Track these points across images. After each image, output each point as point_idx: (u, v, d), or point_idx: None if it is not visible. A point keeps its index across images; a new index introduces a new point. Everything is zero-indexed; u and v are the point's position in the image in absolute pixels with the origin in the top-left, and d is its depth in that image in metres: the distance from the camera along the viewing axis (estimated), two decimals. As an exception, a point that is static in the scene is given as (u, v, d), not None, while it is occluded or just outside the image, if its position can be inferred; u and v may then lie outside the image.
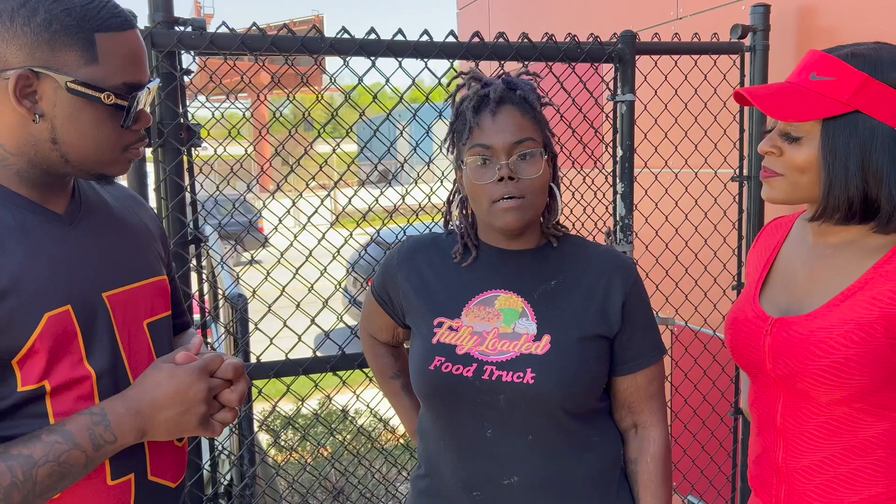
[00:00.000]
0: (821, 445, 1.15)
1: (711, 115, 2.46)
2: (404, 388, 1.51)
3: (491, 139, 1.16)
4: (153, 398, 0.97)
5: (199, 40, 1.73)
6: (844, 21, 2.15)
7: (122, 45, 0.96)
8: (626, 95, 2.13)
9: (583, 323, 1.21)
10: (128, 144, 1.01)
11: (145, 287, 1.09)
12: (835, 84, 1.06)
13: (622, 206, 2.18)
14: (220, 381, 1.02)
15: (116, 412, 0.95)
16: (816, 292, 1.16)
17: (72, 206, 1.04)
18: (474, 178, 1.17)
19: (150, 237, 1.15)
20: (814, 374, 1.10)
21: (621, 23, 3.02)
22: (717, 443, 2.62)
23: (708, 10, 2.66)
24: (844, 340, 1.07)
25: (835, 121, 1.07)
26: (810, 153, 1.10)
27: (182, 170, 1.78)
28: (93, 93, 0.94)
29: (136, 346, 1.05)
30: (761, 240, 1.36)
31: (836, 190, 1.08)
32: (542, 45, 2.02)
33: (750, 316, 1.24)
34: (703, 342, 2.62)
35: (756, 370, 1.23)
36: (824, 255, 1.18)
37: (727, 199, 2.50)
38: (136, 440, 0.97)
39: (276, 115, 1.99)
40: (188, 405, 0.98)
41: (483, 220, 1.22)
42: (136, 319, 1.06)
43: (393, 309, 1.38)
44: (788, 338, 1.15)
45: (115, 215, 1.11)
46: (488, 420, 1.19)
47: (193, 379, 0.98)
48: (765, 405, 1.23)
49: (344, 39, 1.84)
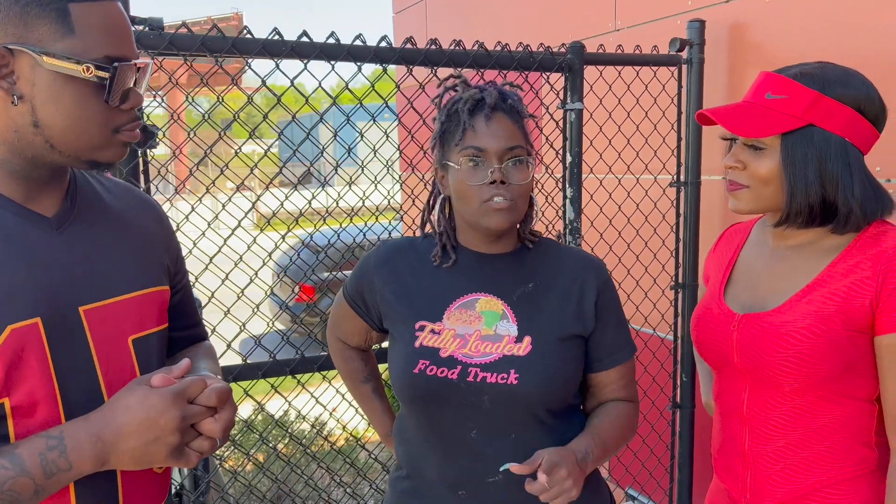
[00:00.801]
0: (784, 432, 1.25)
1: (652, 124, 2.58)
2: (375, 392, 1.52)
3: (485, 142, 1.20)
4: (119, 424, 0.87)
5: (158, 40, 1.70)
6: (772, 38, 2.31)
7: (100, 14, 0.89)
8: (576, 104, 2.21)
9: (561, 323, 1.26)
10: (119, 125, 0.94)
11: (136, 299, 1.01)
12: (788, 101, 1.18)
13: (571, 209, 2.26)
14: (201, 409, 0.92)
15: (76, 437, 0.86)
16: (778, 290, 1.26)
17: (63, 210, 0.97)
18: (466, 179, 1.20)
19: (153, 244, 1.08)
20: (780, 364, 1.20)
21: (559, 33, 3.12)
22: (656, 436, 2.75)
23: (644, 23, 2.79)
24: (807, 332, 1.18)
25: (792, 134, 1.17)
26: (772, 165, 1.20)
27: (138, 172, 1.74)
28: (72, 66, 0.87)
29: (117, 365, 0.97)
30: (721, 244, 1.46)
31: (797, 197, 1.18)
32: (498, 54, 2.08)
33: (716, 313, 1.33)
34: (644, 340, 2.74)
35: (722, 364, 1.32)
36: (784, 256, 1.28)
37: (666, 203, 2.63)
38: (95, 469, 0.88)
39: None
40: (157, 434, 0.88)
41: (470, 220, 1.24)
42: (119, 335, 0.98)
43: (368, 313, 1.38)
44: (755, 332, 1.24)
45: (115, 219, 1.03)
46: (472, 421, 1.22)
47: (167, 405, 0.88)
48: (730, 396, 1.32)
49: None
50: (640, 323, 2.77)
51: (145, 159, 1.76)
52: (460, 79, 1.29)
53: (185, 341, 1.20)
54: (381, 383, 1.54)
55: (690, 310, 2.51)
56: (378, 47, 1.92)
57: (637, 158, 2.64)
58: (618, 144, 2.61)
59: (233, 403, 0.96)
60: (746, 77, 2.42)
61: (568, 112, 2.23)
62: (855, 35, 2.05)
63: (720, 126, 1.22)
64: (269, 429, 3.53)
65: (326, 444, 2.17)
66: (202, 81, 1.88)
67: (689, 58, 2.46)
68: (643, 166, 2.66)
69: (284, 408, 2.05)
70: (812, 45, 2.17)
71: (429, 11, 4.44)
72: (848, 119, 1.16)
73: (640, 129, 2.59)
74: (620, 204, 2.64)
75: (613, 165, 2.61)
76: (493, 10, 3.79)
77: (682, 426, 2.61)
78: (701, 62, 2.46)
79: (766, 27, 2.32)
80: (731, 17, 2.44)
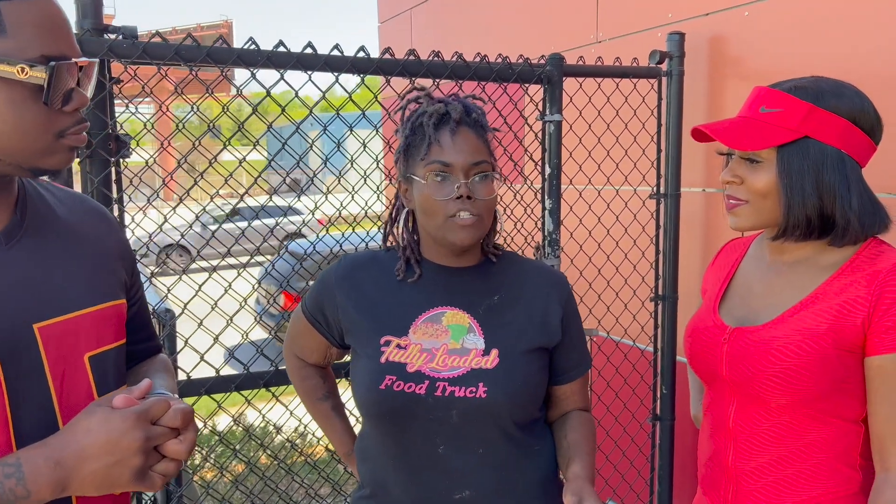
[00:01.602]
0: (769, 448, 1.23)
1: (631, 136, 2.58)
2: (334, 410, 1.49)
3: (451, 157, 1.19)
4: (80, 447, 0.84)
5: (131, 49, 1.68)
6: (751, 51, 2.32)
7: (33, 12, 0.84)
8: (555, 115, 2.21)
9: (527, 336, 1.26)
10: (62, 129, 0.89)
11: (93, 314, 0.97)
12: (783, 114, 1.18)
13: (550, 221, 2.25)
14: (165, 430, 0.89)
15: (33, 463, 0.82)
16: (772, 305, 1.25)
17: (11, 224, 0.93)
18: (432, 194, 1.19)
19: (108, 256, 1.04)
20: (767, 379, 1.19)
21: (541, 45, 3.13)
22: (636, 449, 2.74)
23: (625, 35, 2.79)
24: (796, 349, 1.17)
25: (788, 147, 1.17)
26: (769, 177, 1.19)
27: (110, 181, 1.72)
28: (5, 67, 0.82)
29: (73, 383, 0.94)
30: (719, 258, 1.47)
31: (795, 209, 1.18)
32: (476, 65, 2.07)
33: (709, 325, 1.33)
34: (624, 352, 2.73)
35: (712, 376, 1.31)
36: (780, 271, 1.28)
37: (646, 215, 2.63)
38: (56, 495, 0.84)
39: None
40: (120, 456, 0.85)
41: (434, 234, 1.23)
42: (74, 353, 0.94)
43: (328, 329, 1.36)
44: (744, 346, 1.24)
45: (67, 232, 0.99)
46: (440, 436, 1.21)
47: (129, 426, 0.85)
48: (718, 410, 1.32)
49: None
50: (620, 334, 2.77)
51: (118, 168, 1.75)
52: (423, 91, 1.28)
53: (142, 354, 1.17)
54: (339, 401, 1.51)
55: (670, 322, 2.51)
56: (355, 58, 1.91)
57: (617, 170, 2.64)
58: (598, 156, 2.61)
59: (195, 425, 0.94)
60: (726, 89, 2.42)
61: (547, 123, 2.23)
62: (835, 49, 2.06)
63: (716, 142, 1.21)
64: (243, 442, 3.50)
65: (303, 456, 2.14)
66: (176, 90, 1.87)
67: (669, 70, 2.47)
68: (623, 178, 2.66)
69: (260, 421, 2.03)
70: (792, 58, 2.18)
71: (414, 22, 4.44)
72: (843, 130, 1.16)
73: (620, 140, 2.59)
74: (600, 215, 2.64)
75: (593, 177, 2.61)
76: (477, 21, 3.79)
77: (662, 439, 2.60)
78: (681, 74, 2.47)
79: (746, 40, 2.33)
80: (711, 30, 2.45)
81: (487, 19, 3.70)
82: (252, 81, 1.83)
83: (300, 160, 2.03)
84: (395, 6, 4.63)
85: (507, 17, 3.53)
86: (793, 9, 2.17)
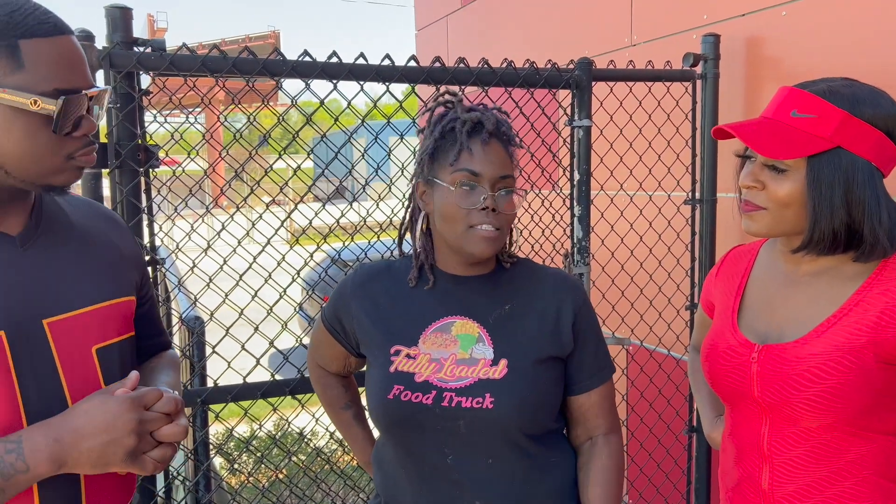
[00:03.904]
0: (808, 470, 1.16)
1: (665, 140, 2.53)
2: (356, 419, 1.49)
3: (481, 167, 1.18)
4: (77, 426, 0.92)
5: (159, 61, 1.72)
6: (788, 52, 2.25)
7: (49, 50, 0.94)
8: (583, 121, 2.18)
9: (538, 345, 1.23)
10: (71, 152, 0.98)
11: (100, 310, 1.06)
12: (817, 121, 1.10)
13: (579, 228, 2.22)
14: (157, 415, 0.98)
15: (33, 440, 0.91)
16: (798, 319, 1.18)
17: (27, 229, 1.02)
18: (457, 201, 1.18)
19: (117, 257, 1.12)
20: (807, 401, 1.12)
21: (576, 49, 3.09)
22: (671, 460, 2.67)
23: (660, 37, 2.74)
24: (837, 366, 1.10)
25: (819, 157, 1.10)
26: (794, 187, 1.12)
27: (139, 191, 1.76)
28: (20, 99, 0.91)
29: (81, 373, 1.02)
30: (724, 268, 1.38)
31: (822, 223, 1.11)
32: (502, 71, 2.06)
33: (732, 344, 1.24)
34: (658, 361, 2.67)
35: (739, 397, 1.23)
36: (801, 282, 1.20)
37: (680, 221, 2.57)
38: (53, 471, 0.92)
39: (236, 135, 1.98)
40: (115, 435, 0.93)
41: (452, 242, 1.22)
42: (83, 346, 1.03)
43: (346, 338, 1.36)
44: (777, 365, 1.16)
45: (78, 235, 1.08)
46: (449, 446, 1.20)
47: (124, 409, 0.94)
48: (747, 432, 1.24)
49: (306, 62, 1.84)
50: (655, 343, 2.71)
51: (147, 178, 1.78)
52: (456, 96, 1.27)
53: (152, 349, 1.25)
54: (362, 409, 1.51)
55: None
56: (380, 66, 1.92)
57: (650, 175, 2.59)
58: (630, 161, 2.57)
59: (184, 414, 1.02)
60: (763, 92, 2.35)
61: (576, 129, 2.20)
62: (875, 49, 1.98)
63: (736, 140, 1.15)
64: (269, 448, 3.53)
65: (330, 464, 2.15)
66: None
67: (704, 73, 2.41)
68: (656, 183, 2.61)
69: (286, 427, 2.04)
70: (831, 59, 2.10)
71: (450, 28, 4.45)
72: (875, 141, 1.09)
73: (653, 145, 2.54)
74: (633, 222, 2.59)
75: (625, 182, 2.57)
76: (512, 26, 3.77)
77: (698, 450, 2.54)
78: (716, 77, 2.41)
79: (784, 41, 2.26)
80: (748, 31, 2.38)
81: (522, 25, 3.68)
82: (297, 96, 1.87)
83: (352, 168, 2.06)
84: (431, 14, 4.65)
85: (541, 23, 3.51)
86: (831, 8, 2.10)
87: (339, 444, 2.48)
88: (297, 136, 1.96)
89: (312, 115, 1.97)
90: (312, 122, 2.00)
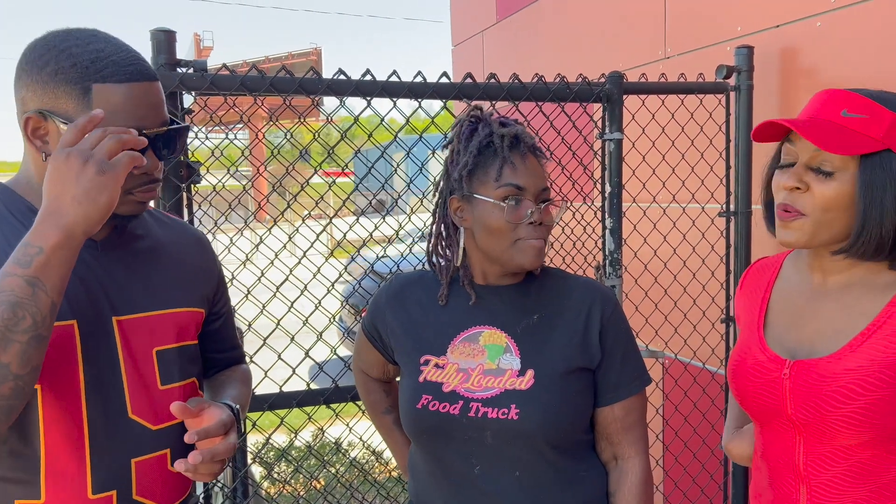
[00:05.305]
0: (848, 490, 1.13)
1: (698, 152, 2.52)
2: (396, 424, 1.51)
3: (525, 181, 1.21)
4: (52, 196, 0.94)
5: (200, 81, 1.79)
6: (823, 63, 2.23)
7: (118, 95, 1.02)
8: (614, 134, 2.19)
9: (566, 356, 1.23)
10: (130, 188, 1.05)
11: (165, 316, 1.15)
12: (868, 122, 1.07)
13: (611, 240, 2.22)
14: (100, 131, 0.96)
15: (34, 229, 0.93)
16: (829, 333, 1.15)
17: (109, 236, 1.12)
18: (505, 216, 1.19)
19: (193, 273, 1.22)
20: (845, 418, 1.09)
21: (611, 62, 3.11)
22: (707, 475, 2.64)
23: (694, 49, 2.74)
24: (875, 381, 1.07)
25: (871, 158, 1.07)
26: (841, 189, 1.09)
27: (181, 206, 1.83)
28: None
29: (140, 369, 1.11)
30: (747, 282, 1.35)
31: (870, 225, 1.08)
32: (532, 86, 2.08)
33: (762, 360, 1.21)
34: (693, 374, 2.65)
35: (771, 415, 1.19)
36: (830, 294, 1.17)
37: (714, 233, 2.56)
38: (65, 236, 0.92)
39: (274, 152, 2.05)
40: (73, 171, 0.92)
41: (498, 255, 1.23)
42: (145, 345, 1.12)
43: (383, 346, 1.39)
44: (812, 381, 1.13)
45: (159, 248, 1.19)
46: (476, 457, 1.21)
47: (64, 154, 0.94)
48: (781, 451, 1.20)
49: (341, 81, 1.89)
50: (689, 356, 2.69)
51: (188, 193, 1.85)
52: (483, 112, 1.29)
53: (224, 363, 1.35)
54: None
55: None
56: (412, 83, 1.96)
57: (683, 188, 2.58)
58: (663, 173, 2.56)
59: (235, 433, 1.09)
60: (797, 103, 2.34)
61: (607, 142, 2.21)
62: (909, 58, 1.96)
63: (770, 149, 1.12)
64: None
65: (364, 473, 2.18)
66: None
67: (737, 84, 2.40)
68: (689, 196, 2.60)
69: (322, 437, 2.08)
70: (866, 70, 2.08)
71: (486, 43, 4.49)
72: None
73: (686, 157, 2.54)
74: (666, 234, 2.59)
75: (658, 195, 2.56)
76: (546, 41, 3.80)
77: (735, 465, 2.50)
78: (749, 88, 2.40)
79: (818, 52, 2.24)
80: (782, 43, 2.37)
81: (556, 39, 3.71)
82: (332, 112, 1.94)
83: (385, 182, 2.11)
84: (467, 30, 4.70)
85: (575, 37, 3.53)
86: (867, 18, 2.08)
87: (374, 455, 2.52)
88: (333, 152, 2.02)
89: (347, 130, 2.03)
90: (347, 137, 2.05)
